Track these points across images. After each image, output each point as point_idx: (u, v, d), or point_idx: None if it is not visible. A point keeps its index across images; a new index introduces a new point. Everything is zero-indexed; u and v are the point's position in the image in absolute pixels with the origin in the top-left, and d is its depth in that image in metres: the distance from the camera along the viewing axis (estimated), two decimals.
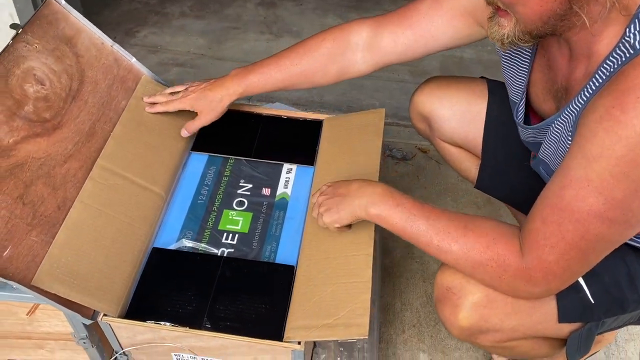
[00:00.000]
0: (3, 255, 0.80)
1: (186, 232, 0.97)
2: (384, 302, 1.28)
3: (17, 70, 0.95)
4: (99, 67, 1.08)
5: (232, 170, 1.08)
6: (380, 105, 1.73)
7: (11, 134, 0.89)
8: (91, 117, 1.01)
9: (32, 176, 0.89)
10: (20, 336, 0.94)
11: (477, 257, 0.74)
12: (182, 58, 1.87)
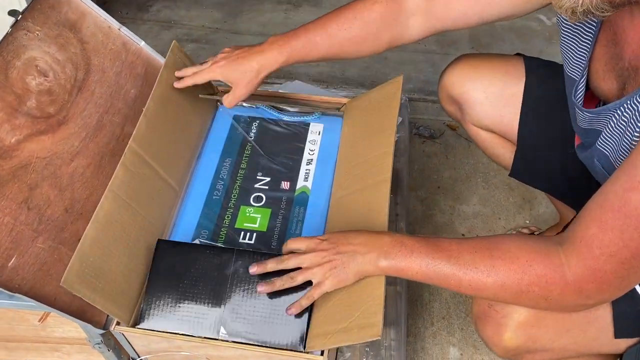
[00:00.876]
0: (8, 265, 0.75)
1: (201, 231, 0.92)
2: (411, 293, 1.22)
3: (17, 62, 0.88)
4: (106, 53, 1.01)
5: (248, 162, 1.01)
6: (406, 79, 1.63)
7: (13, 133, 0.84)
8: (98, 110, 0.95)
9: (37, 178, 0.84)
10: (35, 340, 0.91)
11: (515, 286, 0.67)
12: (196, 33, 1.79)
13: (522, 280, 0.66)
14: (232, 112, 1.09)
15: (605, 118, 0.70)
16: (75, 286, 0.74)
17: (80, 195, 0.87)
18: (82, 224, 0.85)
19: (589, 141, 0.76)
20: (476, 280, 0.68)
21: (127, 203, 0.85)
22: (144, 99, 1.02)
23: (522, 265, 0.66)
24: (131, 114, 0.99)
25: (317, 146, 1.04)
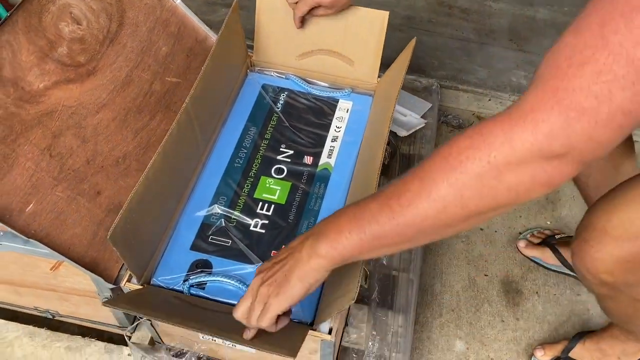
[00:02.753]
0: (26, 210, 0.75)
1: (220, 197, 0.91)
2: (422, 281, 1.20)
3: (52, 7, 0.87)
4: (141, 7, 0.99)
5: (272, 133, 1.00)
6: (440, 65, 1.59)
7: (42, 78, 0.83)
8: (128, 64, 0.94)
9: (62, 126, 0.83)
10: (46, 288, 0.91)
11: (466, 179, 0.52)
12: None
13: (454, 163, 0.52)
14: (262, 81, 1.08)
15: None
16: (118, 242, 0.70)
17: (103, 148, 0.86)
18: (102, 177, 0.85)
19: None
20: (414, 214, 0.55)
21: (171, 162, 0.83)
22: (174, 57, 1.01)
23: (458, 155, 0.52)
24: (160, 71, 0.98)
25: (344, 123, 1.02)
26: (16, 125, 0.78)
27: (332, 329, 0.77)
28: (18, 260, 0.85)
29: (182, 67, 1.01)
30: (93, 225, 0.81)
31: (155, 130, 0.94)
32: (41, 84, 0.83)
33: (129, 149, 0.89)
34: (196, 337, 0.87)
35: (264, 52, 1.08)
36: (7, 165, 0.75)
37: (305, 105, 1.04)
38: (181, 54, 1.02)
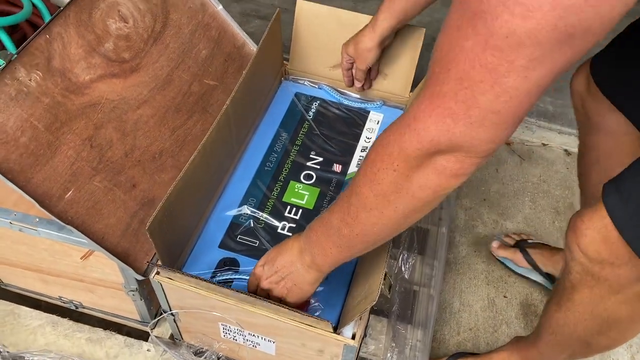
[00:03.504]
0: (65, 197, 0.77)
1: (249, 198, 0.92)
2: (442, 299, 1.20)
3: (102, 4, 0.90)
4: (185, 10, 1.02)
5: (303, 140, 1.01)
6: None
7: (88, 71, 0.85)
8: (170, 63, 0.97)
9: (104, 118, 0.85)
10: (73, 277, 0.93)
11: (373, 185, 0.59)
12: (264, 11, 1.80)
13: (378, 166, 0.58)
14: (294, 89, 1.10)
15: None
16: (154, 233, 0.72)
17: (141, 143, 0.88)
18: (138, 170, 0.87)
19: None
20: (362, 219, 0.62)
21: (208, 161, 0.86)
22: (213, 60, 1.03)
23: (381, 160, 0.58)
24: (199, 73, 1.00)
25: (374, 134, 1.03)
26: (61, 115, 0.80)
27: (356, 334, 0.77)
28: (50, 247, 0.87)
29: (220, 71, 1.04)
30: (127, 216, 0.83)
31: (192, 129, 0.96)
32: (87, 76, 0.85)
33: (165, 146, 0.91)
34: (217, 336, 0.88)
35: (299, 61, 1.10)
36: (50, 152, 0.77)
37: (336, 114, 1.06)
38: (220, 58, 1.04)
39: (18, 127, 0.75)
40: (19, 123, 0.75)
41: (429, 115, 0.51)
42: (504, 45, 0.44)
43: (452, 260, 1.27)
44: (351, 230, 0.65)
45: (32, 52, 0.79)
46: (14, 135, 0.74)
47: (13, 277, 1.00)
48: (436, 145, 0.52)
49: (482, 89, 0.47)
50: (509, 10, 0.43)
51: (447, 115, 0.49)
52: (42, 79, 0.80)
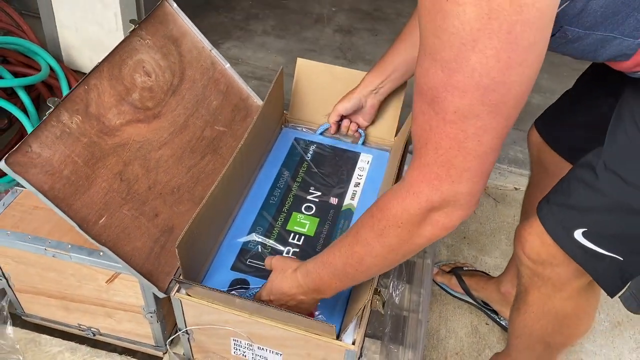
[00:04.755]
0: (99, 222, 0.88)
1: (257, 227, 1.04)
2: (430, 326, 1.30)
3: (129, 61, 1.05)
4: (198, 67, 1.17)
5: (303, 177, 1.15)
6: None
7: (118, 117, 0.99)
8: (186, 112, 1.10)
9: (131, 157, 0.98)
10: (95, 303, 1.02)
11: (378, 243, 0.73)
12: (260, 72, 1.98)
13: (390, 229, 0.71)
14: (294, 135, 1.24)
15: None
16: (182, 251, 0.83)
17: (162, 178, 1.01)
18: (160, 202, 0.98)
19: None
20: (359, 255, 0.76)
21: (223, 193, 0.97)
22: (222, 110, 1.17)
23: (381, 220, 0.72)
24: (211, 120, 1.14)
25: (365, 172, 1.17)
26: (97, 152, 0.92)
27: (355, 341, 0.87)
28: (77, 272, 0.97)
29: (228, 119, 1.18)
30: (150, 241, 0.94)
31: (204, 168, 1.08)
32: (117, 120, 0.98)
33: (182, 182, 1.03)
34: (227, 353, 0.97)
35: (298, 111, 1.25)
36: (87, 183, 0.89)
37: (331, 155, 1.20)
38: (228, 108, 1.19)
39: (62, 162, 0.87)
40: (63, 158, 0.88)
41: (422, 180, 0.65)
42: (456, 119, 0.59)
43: (437, 292, 1.38)
44: (356, 270, 0.79)
45: (73, 99, 0.93)
46: (58, 168, 0.86)
47: (36, 307, 1.09)
48: (431, 203, 0.66)
49: (452, 154, 0.61)
50: (450, 92, 0.58)
51: (434, 178, 0.64)
52: (82, 122, 0.93)
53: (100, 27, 1.70)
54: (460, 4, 0.53)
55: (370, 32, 2.27)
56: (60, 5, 1.70)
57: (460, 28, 0.54)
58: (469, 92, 0.56)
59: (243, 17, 2.27)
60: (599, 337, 1.32)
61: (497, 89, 0.56)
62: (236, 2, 2.36)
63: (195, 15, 2.21)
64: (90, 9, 1.67)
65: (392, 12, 2.39)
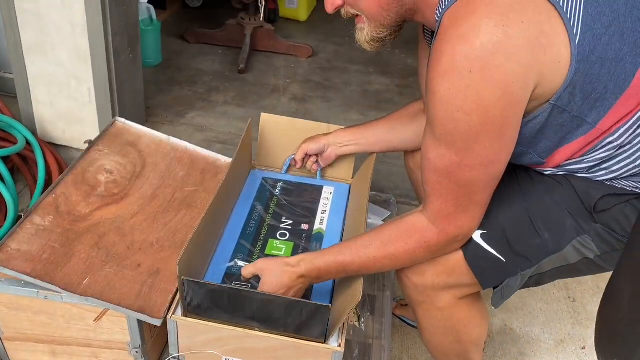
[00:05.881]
0: (82, 283, 1.04)
1: (238, 254, 1.17)
2: (393, 355, 1.42)
3: (91, 168, 1.26)
4: (159, 154, 1.36)
5: (274, 209, 1.30)
6: (395, 187, 1.95)
7: (87, 207, 1.18)
8: (152, 187, 1.28)
9: (105, 230, 1.15)
10: (82, 344, 1.11)
11: (407, 257, 0.94)
12: (224, 137, 2.15)
13: (409, 250, 0.93)
14: (262, 175, 1.40)
15: None
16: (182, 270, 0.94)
17: (139, 238, 1.16)
18: (141, 255, 1.13)
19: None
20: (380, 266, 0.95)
21: (204, 232, 1.08)
22: (190, 176, 1.34)
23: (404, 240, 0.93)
24: (179, 186, 1.32)
25: (330, 202, 1.33)
26: (72, 236, 1.11)
27: (341, 343, 0.98)
28: (67, 312, 1.06)
29: (198, 180, 1.33)
30: (137, 285, 1.06)
31: (181, 220, 1.23)
32: (87, 210, 1.17)
33: (160, 235, 1.18)
34: None
35: (264, 159, 1.43)
36: (66, 258, 1.06)
37: (298, 189, 1.36)
38: (196, 173, 1.35)
39: (40, 250, 1.05)
40: (40, 247, 1.06)
41: (449, 222, 0.89)
42: (467, 184, 0.85)
43: (398, 323, 1.50)
44: (368, 271, 0.98)
45: (43, 207, 1.13)
46: (37, 255, 1.04)
47: (22, 355, 1.15)
48: (448, 234, 0.90)
49: (466, 205, 0.87)
50: (462, 169, 0.83)
51: (457, 220, 0.89)
52: (54, 219, 1.12)
53: (75, 101, 1.85)
54: (468, 114, 0.78)
55: (322, 99, 2.49)
56: (37, 83, 1.85)
57: (468, 129, 0.79)
58: (475, 168, 0.83)
59: (205, 90, 2.47)
60: (545, 355, 1.46)
61: (493, 165, 0.84)
62: (198, 77, 2.57)
63: (161, 90, 2.41)
64: (66, 85, 1.83)
65: (341, 82, 2.65)
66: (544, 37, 0.76)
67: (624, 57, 0.80)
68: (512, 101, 0.78)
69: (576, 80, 0.79)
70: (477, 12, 0.75)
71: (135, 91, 2.00)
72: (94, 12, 1.67)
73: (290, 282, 0.99)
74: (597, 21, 0.78)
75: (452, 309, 1.03)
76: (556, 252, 0.94)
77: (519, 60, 0.75)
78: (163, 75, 2.55)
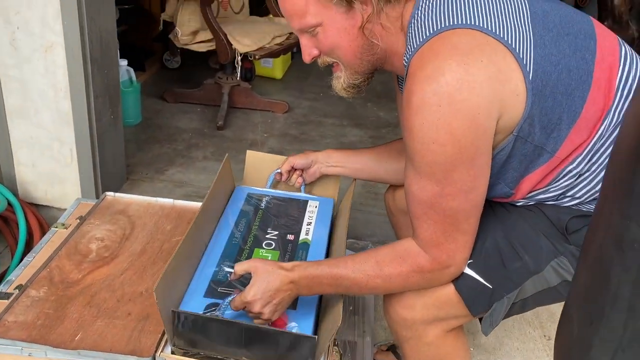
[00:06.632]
0: (75, 339, 1.00)
1: (224, 260, 1.12)
2: None
3: (83, 240, 1.25)
4: (147, 215, 1.36)
5: (260, 222, 1.26)
6: (371, 234, 2.00)
7: (79, 273, 1.16)
8: (142, 243, 1.26)
9: (97, 289, 1.12)
10: None
11: (400, 280, 0.95)
12: (203, 191, 2.14)
13: (403, 273, 0.94)
14: (247, 191, 1.37)
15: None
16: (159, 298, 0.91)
17: (128, 290, 1.11)
18: (130, 305, 1.08)
19: None
20: (372, 286, 0.95)
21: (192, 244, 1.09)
22: (178, 227, 1.31)
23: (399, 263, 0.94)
24: (167, 238, 1.27)
25: (315, 214, 1.29)
26: (64, 300, 1.08)
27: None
28: None
29: (185, 230, 1.33)
30: (128, 331, 1.01)
31: None
32: (79, 275, 1.15)
33: (149, 284, 1.14)
34: None
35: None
36: (59, 320, 1.03)
37: (283, 204, 1.32)
38: (183, 224, 1.33)
39: (35, 318, 1.03)
40: (35, 315, 1.04)
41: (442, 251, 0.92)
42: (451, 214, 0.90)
43: None
44: (359, 290, 0.98)
45: (38, 281, 1.12)
46: (32, 322, 1.02)
47: None
48: (441, 262, 0.93)
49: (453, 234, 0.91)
50: (444, 198, 0.88)
51: (449, 250, 0.92)
52: (48, 289, 1.10)
53: (57, 162, 1.87)
54: (442, 145, 0.84)
55: (299, 152, 2.55)
56: (19, 146, 1.87)
57: (444, 159, 0.85)
58: (456, 196, 0.88)
59: (184, 147, 2.52)
60: None
61: (472, 191, 0.89)
62: (177, 134, 2.63)
63: (141, 149, 2.46)
64: (48, 147, 1.85)
65: (317, 135, 2.71)
66: (501, 73, 0.84)
67: (572, 91, 0.89)
68: (480, 130, 0.84)
69: (533, 112, 0.87)
70: (440, 55, 0.84)
71: (116, 150, 2.03)
72: (76, 76, 1.73)
73: (280, 285, 0.96)
74: (545, 60, 0.87)
75: (440, 343, 1.05)
76: (537, 272, 0.99)
77: (481, 94, 0.83)
78: (143, 133, 2.60)
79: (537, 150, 0.92)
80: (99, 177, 1.91)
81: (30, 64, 1.74)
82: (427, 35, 0.88)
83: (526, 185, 0.98)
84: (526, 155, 0.93)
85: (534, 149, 0.92)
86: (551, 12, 0.93)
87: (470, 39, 0.85)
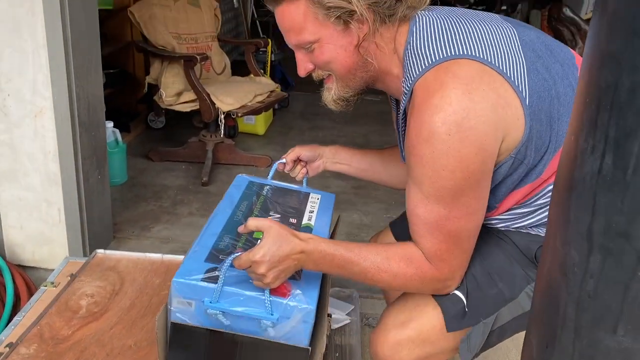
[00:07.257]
0: None
1: (225, 234, 1.09)
2: None
3: (73, 296, 1.27)
4: (136, 270, 1.39)
5: (261, 206, 1.22)
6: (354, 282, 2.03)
7: (69, 329, 1.18)
8: (131, 298, 1.28)
9: (86, 343, 1.13)
10: None
11: (401, 280, 0.97)
12: (188, 247, 2.21)
13: (408, 274, 0.97)
14: (248, 179, 1.34)
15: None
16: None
17: (117, 344, 1.13)
18: (121, 358, 1.12)
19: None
20: (377, 277, 0.96)
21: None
22: (166, 282, 1.35)
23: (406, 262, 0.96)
24: (156, 292, 1.31)
25: (317, 206, 1.26)
26: (54, 356, 1.09)
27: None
28: None
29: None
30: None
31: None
32: (70, 331, 1.17)
33: (138, 338, 1.17)
34: None
35: None
36: None
37: (285, 193, 1.30)
38: (172, 277, 1.39)
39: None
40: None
41: (445, 266, 0.96)
42: (456, 233, 0.93)
43: None
44: (364, 278, 0.99)
45: (28, 338, 1.14)
46: None
47: None
48: (444, 274, 0.96)
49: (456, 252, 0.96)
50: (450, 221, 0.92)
51: (452, 266, 0.97)
52: (38, 346, 1.12)
53: (44, 223, 1.89)
54: (452, 171, 0.89)
55: None
56: (8, 209, 1.88)
57: (454, 184, 0.90)
58: (462, 218, 0.93)
59: (170, 204, 2.56)
60: None
61: (476, 213, 0.94)
62: (163, 192, 2.67)
63: (127, 207, 2.50)
64: (36, 208, 1.86)
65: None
66: (502, 99, 0.89)
67: (560, 116, 0.94)
68: (487, 154, 0.89)
69: (531, 135, 0.92)
70: (444, 84, 0.88)
71: (103, 210, 2.07)
72: (65, 139, 1.77)
73: (290, 252, 0.94)
74: (539, 85, 0.92)
75: None
76: (512, 299, 1.02)
77: (487, 120, 0.87)
78: (129, 192, 2.64)
79: (528, 171, 0.97)
80: (87, 237, 1.93)
81: (20, 129, 1.80)
82: (427, 64, 0.92)
83: (510, 201, 1.02)
84: (519, 175, 0.97)
85: (526, 170, 0.96)
86: (537, 40, 0.98)
87: (469, 69, 0.90)
